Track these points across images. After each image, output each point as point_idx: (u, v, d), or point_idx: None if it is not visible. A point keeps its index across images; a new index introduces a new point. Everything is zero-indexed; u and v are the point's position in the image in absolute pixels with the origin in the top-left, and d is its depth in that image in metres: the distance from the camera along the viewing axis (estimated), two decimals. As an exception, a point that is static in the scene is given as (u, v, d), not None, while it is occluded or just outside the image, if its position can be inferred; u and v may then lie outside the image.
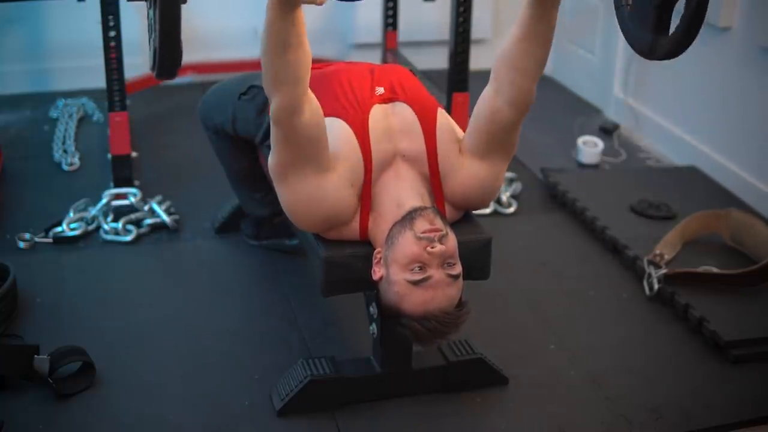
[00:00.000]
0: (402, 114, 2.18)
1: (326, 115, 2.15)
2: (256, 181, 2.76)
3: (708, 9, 1.94)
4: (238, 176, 2.80)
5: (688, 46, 1.82)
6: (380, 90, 2.21)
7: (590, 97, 4.38)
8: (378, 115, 2.16)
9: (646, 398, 2.36)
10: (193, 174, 3.42)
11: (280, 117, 1.99)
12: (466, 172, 2.15)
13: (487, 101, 2.12)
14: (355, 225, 2.12)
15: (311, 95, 2.02)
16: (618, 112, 4.13)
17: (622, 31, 1.94)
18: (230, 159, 2.77)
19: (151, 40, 1.93)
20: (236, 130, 2.63)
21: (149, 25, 1.96)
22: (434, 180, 2.15)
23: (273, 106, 1.99)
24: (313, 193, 2.06)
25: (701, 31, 1.94)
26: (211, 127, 2.72)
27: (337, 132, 2.12)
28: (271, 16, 1.90)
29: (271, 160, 2.08)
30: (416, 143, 2.15)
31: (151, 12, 1.89)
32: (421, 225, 2.00)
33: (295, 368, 2.28)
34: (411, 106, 2.19)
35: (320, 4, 1.86)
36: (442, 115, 2.20)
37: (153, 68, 1.94)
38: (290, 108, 1.97)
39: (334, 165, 2.08)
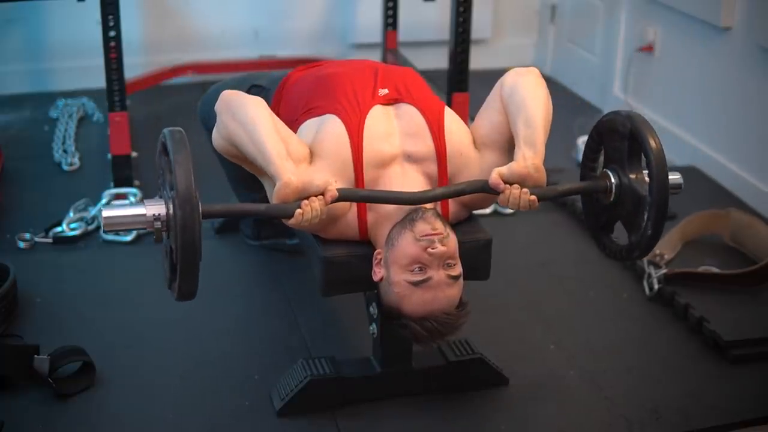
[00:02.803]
0: (408, 115, 2.17)
1: (324, 113, 2.16)
2: (255, 182, 2.75)
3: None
4: (238, 176, 2.79)
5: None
6: (384, 91, 2.21)
7: (590, 97, 4.38)
8: (378, 115, 2.16)
9: (646, 398, 2.36)
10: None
11: (219, 151, 2.14)
12: (481, 164, 2.14)
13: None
14: (353, 223, 2.12)
15: None
16: (618, 112, 4.13)
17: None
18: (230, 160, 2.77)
19: (167, 266, 1.94)
20: (236, 130, 2.63)
21: (163, 251, 1.96)
22: (442, 180, 2.14)
23: (213, 134, 2.12)
24: None
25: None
26: (211, 127, 2.71)
27: (328, 130, 2.12)
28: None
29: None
30: (424, 144, 2.14)
31: (169, 241, 1.90)
32: (420, 228, 2.00)
33: (295, 368, 2.28)
34: (417, 107, 2.18)
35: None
36: (450, 114, 2.20)
37: (169, 288, 1.96)
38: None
39: (310, 160, 2.09)
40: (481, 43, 4.58)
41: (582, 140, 3.75)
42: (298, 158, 2.06)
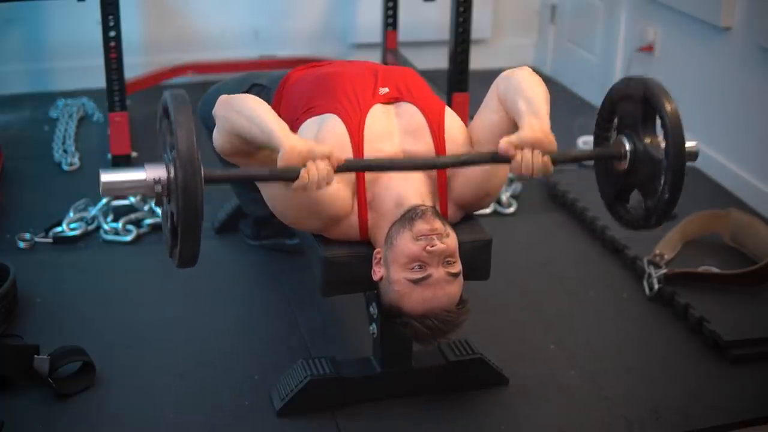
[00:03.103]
0: (408, 114, 2.18)
1: (323, 112, 2.16)
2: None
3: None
4: (238, 176, 2.80)
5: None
6: (384, 90, 2.21)
7: (590, 97, 4.38)
8: (378, 114, 2.16)
9: (646, 398, 2.36)
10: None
11: (221, 152, 2.10)
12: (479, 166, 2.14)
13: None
14: (354, 223, 2.12)
15: None
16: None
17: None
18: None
19: (168, 231, 1.89)
20: (236, 129, 2.63)
21: (164, 217, 1.92)
22: (441, 180, 2.14)
23: (214, 136, 2.08)
24: (284, 194, 2.06)
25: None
26: (211, 126, 2.71)
27: (329, 129, 2.12)
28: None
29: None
30: (423, 143, 2.15)
31: (170, 206, 1.84)
32: (419, 227, 1.99)
33: (295, 368, 2.28)
34: (417, 106, 2.18)
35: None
36: (449, 113, 2.20)
37: (171, 257, 1.92)
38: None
39: None
40: (481, 43, 4.58)
41: (582, 140, 3.75)
42: None
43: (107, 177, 1.82)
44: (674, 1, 3.67)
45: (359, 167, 2.04)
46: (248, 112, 1.99)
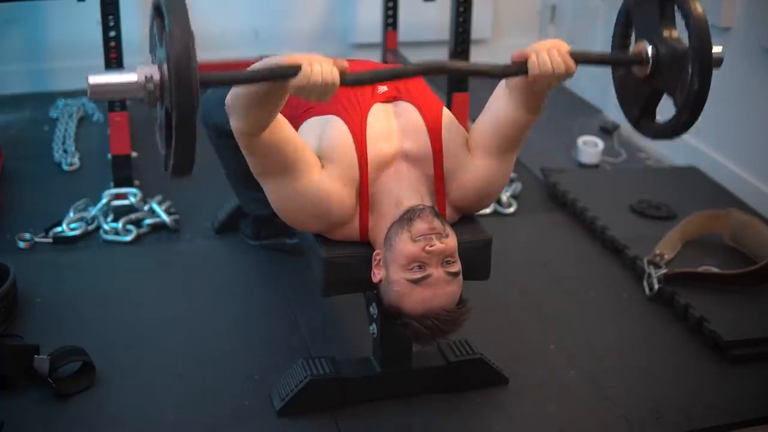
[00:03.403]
0: (406, 113, 2.18)
1: (324, 113, 2.16)
2: (256, 181, 2.76)
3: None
4: (239, 176, 2.79)
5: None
6: (383, 88, 2.21)
7: (590, 97, 4.38)
8: (378, 114, 2.16)
9: (646, 398, 2.36)
10: (193, 174, 3.40)
11: (238, 139, 2.00)
12: (475, 170, 2.14)
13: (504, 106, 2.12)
14: (355, 225, 2.12)
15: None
16: (618, 112, 4.11)
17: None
18: (230, 158, 2.77)
19: (161, 140, 1.81)
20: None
21: (158, 125, 1.82)
22: (438, 180, 2.15)
23: (232, 125, 1.98)
24: (293, 197, 2.06)
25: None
26: (212, 126, 2.72)
27: (333, 131, 2.12)
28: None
29: (250, 168, 2.09)
30: (420, 143, 2.15)
31: (161, 113, 1.76)
32: (418, 227, 1.99)
33: (295, 368, 2.28)
34: (415, 105, 2.18)
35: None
36: (447, 114, 2.20)
37: (166, 169, 1.82)
38: (246, 136, 1.98)
39: (321, 164, 2.08)
40: (481, 43, 4.58)
41: (582, 140, 3.75)
42: (315, 163, 2.07)
43: (96, 80, 1.69)
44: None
45: (362, 80, 1.89)
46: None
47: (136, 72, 1.69)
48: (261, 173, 2.10)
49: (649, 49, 1.98)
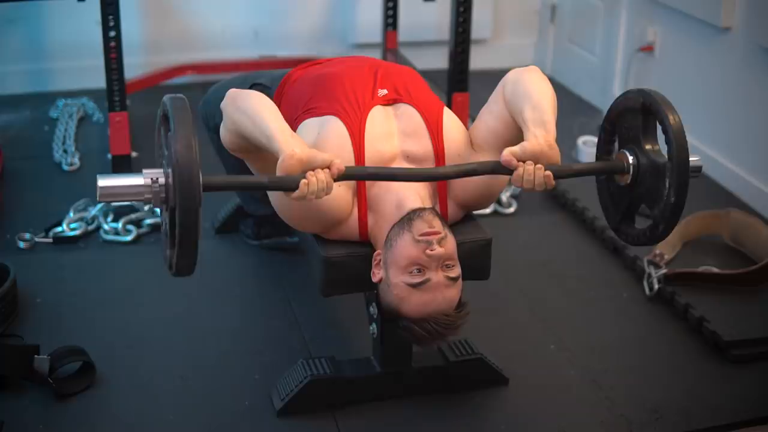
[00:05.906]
0: (407, 115, 2.17)
1: (324, 114, 2.16)
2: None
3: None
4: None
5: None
6: (383, 92, 2.21)
7: (590, 97, 4.38)
8: (378, 116, 2.16)
9: (646, 398, 2.36)
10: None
11: (228, 148, 2.10)
12: None
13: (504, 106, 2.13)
14: (354, 224, 2.12)
15: None
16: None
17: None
18: (231, 158, 2.77)
19: (166, 243, 1.88)
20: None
21: (163, 229, 1.90)
22: (440, 182, 2.14)
23: (221, 129, 2.08)
24: (285, 199, 2.05)
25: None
26: (212, 126, 2.72)
27: (331, 131, 2.11)
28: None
29: (248, 166, 2.13)
30: (422, 144, 2.14)
31: (166, 215, 1.82)
32: (419, 227, 1.99)
33: (295, 368, 2.28)
34: (416, 107, 2.18)
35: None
36: (448, 114, 2.20)
37: (170, 269, 1.90)
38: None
39: None
40: (481, 43, 4.58)
41: (582, 140, 3.75)
42: None
43: (105, 182, 1.83)
44: (674, 1, 3.67)
45: (360, 176, 2.03)
46: (251, 112, 2.00)
47: (142, 175, 1.80)
48: (259, 171, 2.13)
49: (631, 158, 2.05)
